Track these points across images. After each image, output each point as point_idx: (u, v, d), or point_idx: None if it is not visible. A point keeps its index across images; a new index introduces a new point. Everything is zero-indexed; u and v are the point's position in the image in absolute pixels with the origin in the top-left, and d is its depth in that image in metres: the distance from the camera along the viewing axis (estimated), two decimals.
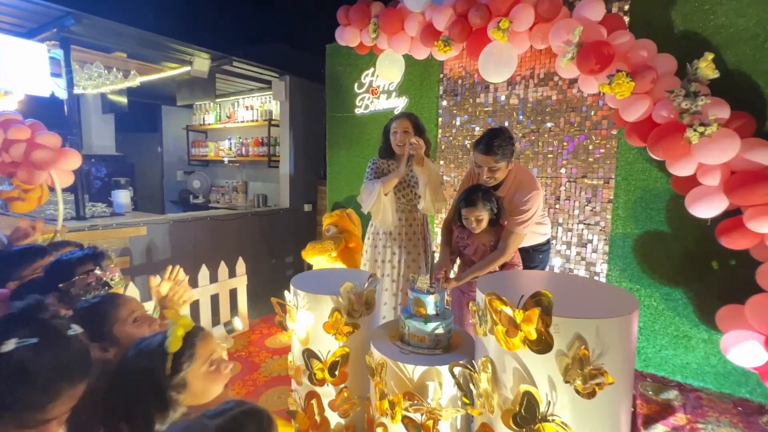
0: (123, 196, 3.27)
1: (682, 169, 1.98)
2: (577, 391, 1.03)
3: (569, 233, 2.62)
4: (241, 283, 3.00)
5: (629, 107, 2.05)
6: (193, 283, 2.71)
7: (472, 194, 1.79)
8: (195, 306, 2.70)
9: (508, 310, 1.10)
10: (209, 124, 5.48)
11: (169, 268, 1.36)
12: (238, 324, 2.87)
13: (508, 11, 2.32)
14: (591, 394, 1.01)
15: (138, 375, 0.82)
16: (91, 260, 1.25)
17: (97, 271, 1.23)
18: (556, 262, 2.68)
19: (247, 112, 5.03)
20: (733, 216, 1.93)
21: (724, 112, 1.86)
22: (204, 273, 2.75)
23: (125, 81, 3.72)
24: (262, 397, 2.18)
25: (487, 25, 2.39)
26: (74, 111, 2.78)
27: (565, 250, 2.64)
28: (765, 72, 2.00)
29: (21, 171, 1.77)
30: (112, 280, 1.26)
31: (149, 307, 1.35)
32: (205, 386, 0.88)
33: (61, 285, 1.14)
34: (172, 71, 3.88)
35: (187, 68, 3.67)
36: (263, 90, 4.83)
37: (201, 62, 3.44)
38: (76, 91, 3.99)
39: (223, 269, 2.86)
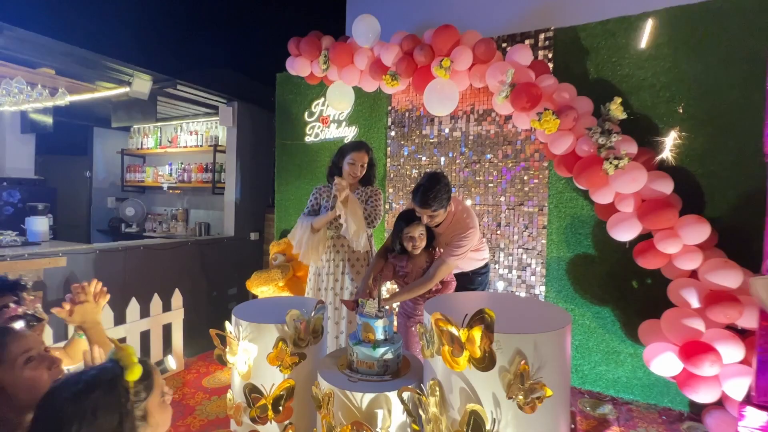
0: (39, 224, 2.93)
1: (603, 197, 2.21)
2: (519, 406, 1.06)
3: (510, 257, 2.77)
4: (176, 317, 2.76)
5: (556, 142, 2.28)
6: (120, 319, 2.46)
7: (411, 213, 1.87)
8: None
9: (453, 330, 1.13)
10: (148, 149, 5.17)
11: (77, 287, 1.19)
12: (172, 363, 2.63)
13: (449, 52, 2.52)
14: (532, 408, 1.05)
15: (95, 411, 0.70)
16: (7, 292, 1.09)
17: (12, 305, 1.07)
18: (499, 286, 2.81)
19: (191, 136, 4.83)
20: (646, 239, 2.18)
21: (632, 147, 2.13)
22: (134, 307, 2.50)
23: (52, 99, 3.43)
24: None
25: (431, 63, 2.58)
26: None
27: (507, 274, 2.78)
28: (661, 115, 2.34)
29: None
30: (35, 311, 1.11)
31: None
32: (161, 417, 0.81)
33: None
34: (108, 91, 3.66)
35: (125, 89, 3.48)
36: (209, 115, 4.69)
37: (141, 83, 3.28)
38: None
39: (156, 303, 2.62)
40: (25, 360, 0.90)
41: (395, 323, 2.05)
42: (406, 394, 1.28)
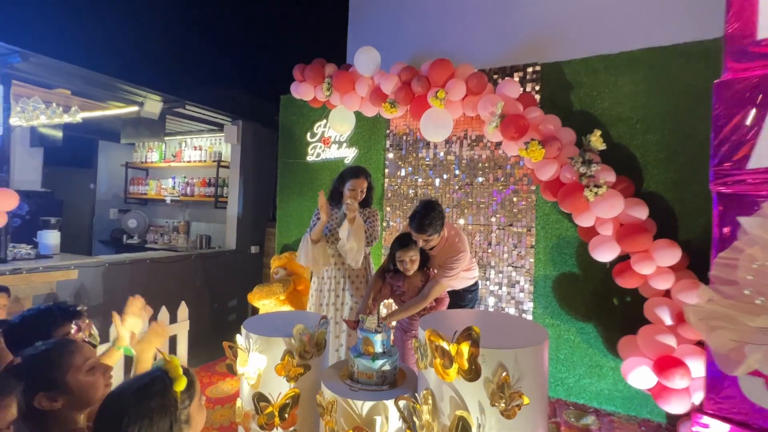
0: (51, 237, 3.05)
1: (585, 221, 2.39)
2: (501, 413, 1.21)
3: (500, 275, 2.93)
4: (182, 329, 2.87)
5: (542, 169, 2.47)
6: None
7: (405, 238, 2.04)
8: (128, 356, 2.53)
9: (444, 345, 1.28)
10: (152, 162, 5.32)
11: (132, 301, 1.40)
12: None
13: (444, 83, 2.73)
14: (512, 415, 1.20)
15: (152, 415, 0.85)
16: (69, 318, 1.25)
17: (72, 330, 1.22)
18: (490, 301, 2.96)
19: (195, 152, 4.99)
20: (624, 260, 2.36)
21: (611, 176, 2.32)
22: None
23: (65, 116, 3.59)
24: None
25: (427, 93, 2.77)
26: (7, 148, 2.64)
27: (498, 290, 2.94)
28: (638, 146, 2.54)
29: None
30: (90, 336, 1.26)
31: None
32: (199, 418, 0.97)
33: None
34: (118, 109, 3.82)
35: (134, 108, 3.65)
36: (213, 131, 4.86)
37: (152, 104, 3.45)
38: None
39: (163, 315, 2.74)
40: (88, 368, 1.05)
41: (392, 337, 2.20)
42: (402, 403, 1.42)
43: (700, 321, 1.00)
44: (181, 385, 0.89)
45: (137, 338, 1.41)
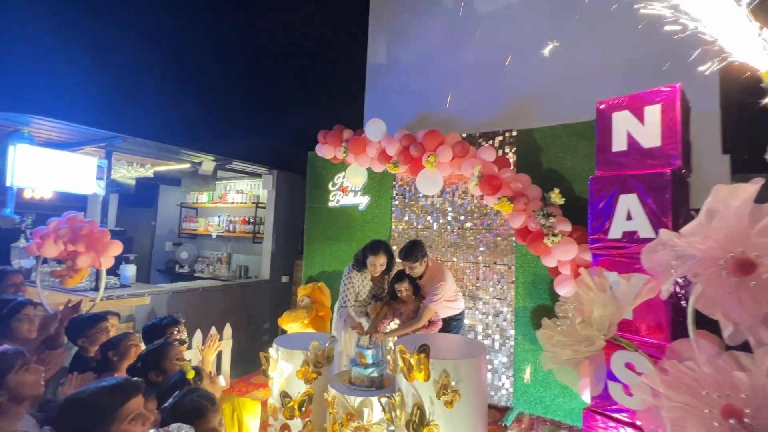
0: (130, 270, 3.91)
1: (549, 262, 2.91)
2: (444, 404, 1.77)
3: (487, 305, 3.45)
4: (227, 346, 3.58)
5: (513, 219, 3.04)
6: (188, 346, 3.30)
7: (401, 274, 2.71)
8: None
9: (407, 356, 1.87)
10: (202, 203, 6.28)
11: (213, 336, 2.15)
12: (222, 381, 3.41)
13: (435, 149, 3.39)
14: (451, 404, 1.76)
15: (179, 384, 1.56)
16: (175, 325, 2.01)
17: (176, 332, 1.96)
18: (479, 329, 3.47)
19: (237, 195, 5.89)
20: None
21: (566, 226, 2.85)
22: (198, 337, 3.35)
23: (140, 170, 4.57)
24: None
25: (422, 157, 3.44)
26: (106, 205, 3.53)
27: (485, 319, 3.45)
28: None
29: (83, 257, 2.47)
30: (181, 337, 2.01)
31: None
32: (212, 389, 1.66)
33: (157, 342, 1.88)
34: (180, 164, 4.76)
35: (192, 166, 4.56)
36: (253, 178, 5.75)
37: (208, 164, 4.34)
38: None
39: (213, 334, 3.46)
40: (176, 358, 1.76)
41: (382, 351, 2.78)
42: (383, 399, 2.00)
43: (543, 341, 1.51)
44: (189, 375, 1.58)
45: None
